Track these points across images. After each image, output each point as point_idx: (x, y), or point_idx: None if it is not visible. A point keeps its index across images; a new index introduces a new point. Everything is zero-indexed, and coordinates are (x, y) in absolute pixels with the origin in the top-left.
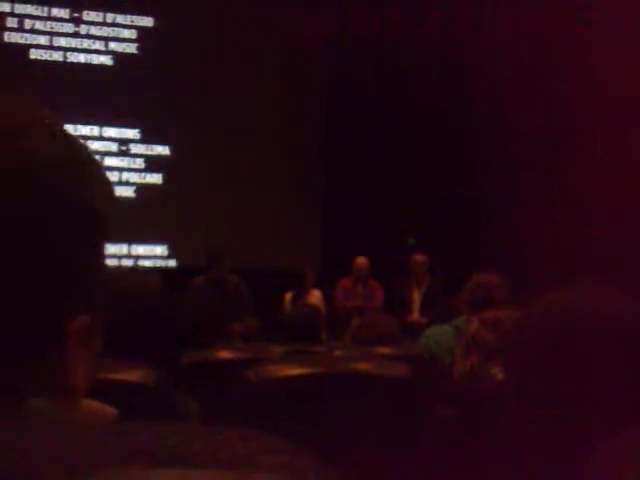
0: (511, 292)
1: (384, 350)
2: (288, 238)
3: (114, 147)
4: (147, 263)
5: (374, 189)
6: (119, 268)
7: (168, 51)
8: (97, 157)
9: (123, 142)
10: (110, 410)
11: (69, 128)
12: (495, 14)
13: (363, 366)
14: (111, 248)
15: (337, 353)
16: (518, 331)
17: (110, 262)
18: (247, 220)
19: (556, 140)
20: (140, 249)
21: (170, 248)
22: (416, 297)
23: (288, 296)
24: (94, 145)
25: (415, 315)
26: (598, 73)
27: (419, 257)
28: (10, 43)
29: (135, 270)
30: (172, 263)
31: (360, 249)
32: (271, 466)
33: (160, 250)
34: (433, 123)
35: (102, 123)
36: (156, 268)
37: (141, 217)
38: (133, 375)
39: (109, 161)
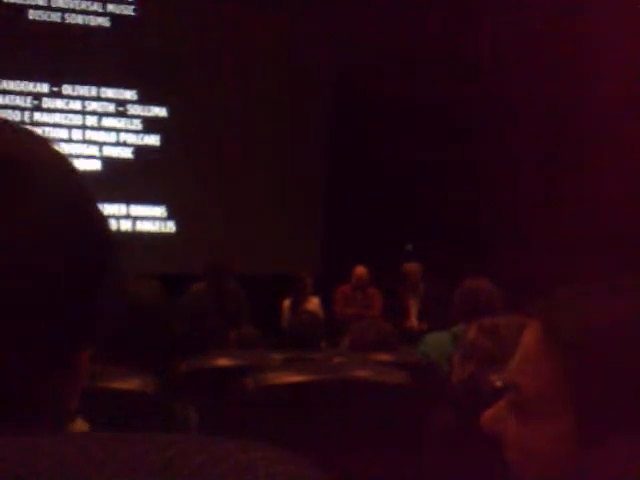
0: (510, 297)
1: (382, 357)
2: (286, 244)
3: (111, 108)
4: (146, 224)
5: (373, 196)
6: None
7: (166, 14)
8: (94, 118)
9: (120, 103)
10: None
11: (67, 89)
12: (498, 15)
13: (361, 373)
14: (110, 208)
15: (335, 360)
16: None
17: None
18: (246, 226)
19: (558, 147)
20: (139, 209)
21: (169, 209)
22: (412, 304)
23: (286, 303)
24: (92, 106)
25: (413, 321)
26: (600, 75)
27: (411, 266)
28: (8, 3)
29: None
30: (171, 225)
31: (359, 256)
32: (271, 476)
33: (159, 211)
34: (434, 128)
35: (100, 84)
36: (157, 233)
37: (139, 178)
38: (132, 383)
39: (107, 122)
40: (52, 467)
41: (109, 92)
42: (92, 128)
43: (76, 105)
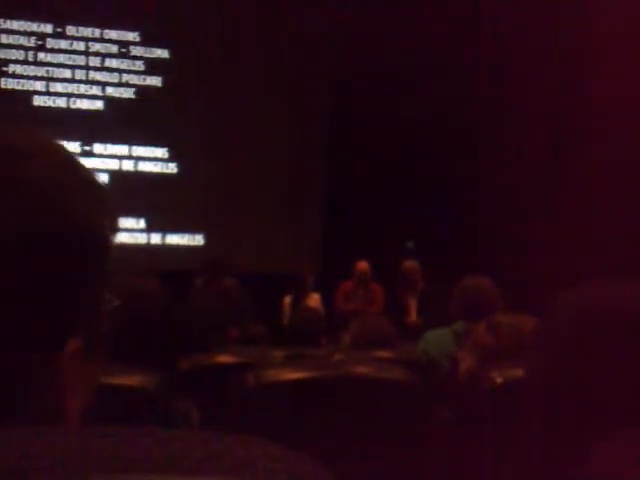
0: (509, 296)
1: (383, 354)
2: (287, 241)
3: (114, 49)
4: (148, 165)
5: (374, 192)
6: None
7: None
8: (98, 58)
9: (123, 44)
10: None
11: (71, 30)
12: (497, 16)
13: (362, 370)
14: (112, 148)
15: (336, 357)
16: (548, 325)
17: (111, 163)
18: (246, 223)
19: (558, 145)
20: (140, 150)
21: (170, 151)
22: (412, 302)
23: (287, 300)
24: (95, 47)
25: (412, 317)
26: (601, 76)
27: (409, 263)
28: None
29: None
30: (172, 166)
31: (359, 253)
32: (272, 472)
33: (160, 152)
34: (434, 126)
35: (103, 25)
36: (157, 174)
37: (141, 119)
38: (133, 380)
39: (109, 63)
40: (54, 463)
41: (112, 33)
42: (95, 69)
43: (79, 46)
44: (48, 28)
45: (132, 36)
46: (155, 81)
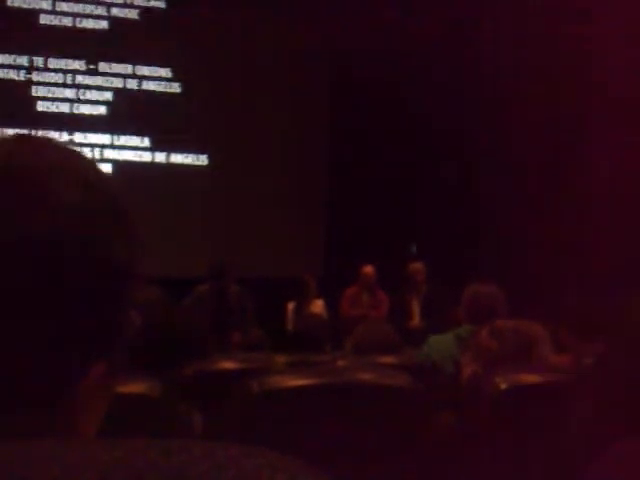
0: (509, 300)
1: (387, 359)
2: (290, 246)
3: None
4: (151, 85)
5: (376, 197)
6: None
7: None
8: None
9: None
10: None
11: None
12: (498, 18)
13: (365, 376)
14: (117, 67)
15: (340, 363)
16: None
17: (115, 82)
18: (249, 229)
19: (558, 148)
20: (144, 70)
21: (173, 71)
22: (415, 304)
23: (291, 305)
24: None
25: (416, 321)
26: (602, 75)
27: (416, 265)
28: None
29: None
30: (176, 86)
31: (363, 257)
32: None
33: (164, 72)
34: (435, 130)
35: None
36: (161, 92)
37: (145, 39)
38: (137, 387)
39: None
40: (61, 473)
41: None
42: None
43: None
44: None
45: None
46: (159, 3)
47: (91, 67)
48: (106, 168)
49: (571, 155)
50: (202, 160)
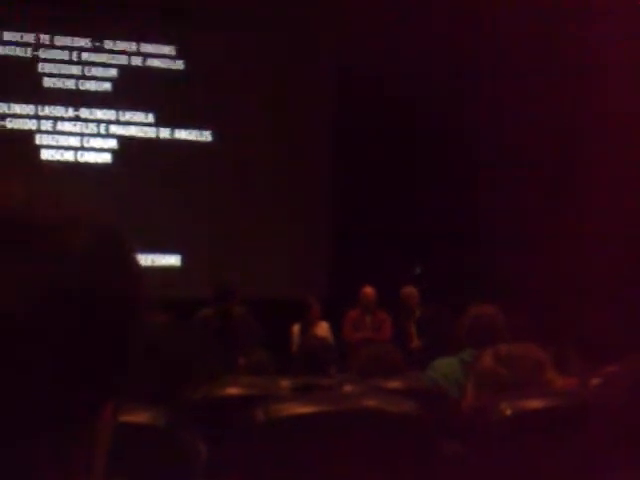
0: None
1: (392, 384)
2: (295, 268)
3: None
4: (155, 62)
5: (381, 219)
6: None
7: None
8: None
9: None
10: None
11: None
12: (498, 19)
13: (371, 403)
14: (121, 45)
15: (346, 388)
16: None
17: (121, 59)
18: (254, 250)
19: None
20: (149, 47)
21: (177, 49)
22: (412, 327)
23: (296, 328)
24: None
25: (415, 343)
26: (605, 73)
27: (407, 290)
28: None
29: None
30: (180, 63)
31: (368, 279)
32: None
33: (168, 50)
34: (436, 149)
35: None
36: (165, 69)
37: (149, 16)
38: (141, 416)
39: None
40: None
41: None
42: None
43: None
44: None
45: None
46: None
47: (96, 44)
48: (111, 143)
49: (573, 157)
50: (206, 136)
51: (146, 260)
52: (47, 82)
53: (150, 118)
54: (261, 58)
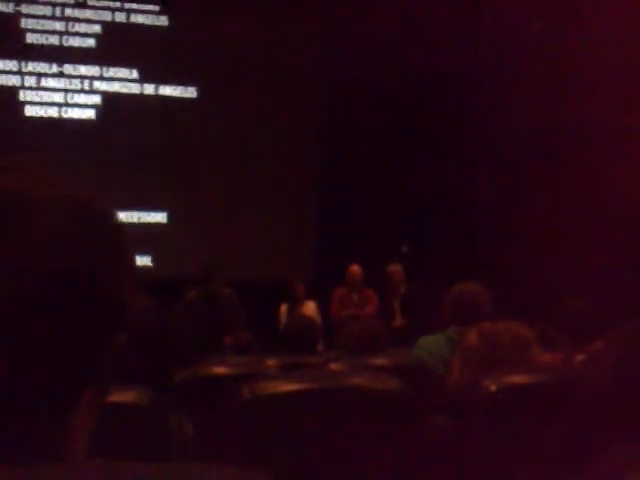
0: (495, 300)
1: (378, 361)
2: (282, 249)
3: None
4: (140, 18)
5: (368, 197)
6: None
7: None
8: None
9: None
10: None
11: None
12: (496, 20)
13: (357, 380)
14: (105, 1)
15: (332, 366)
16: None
17: (104, 14)
18: (240, 231)
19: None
20: (133, 4)
21: (162, 5)
22: (396, 304)
23: (283, 308)
24: None
25: (398, 320)
26: (598, 76)
27: (392, 267)
28: None
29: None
30: (164, 19)
31: (355, 258)
32: None
33: (152, 6)
34: (428, 129)
35: None
36: (150, 26)
37: None
38: (127, 396)
39: None
40: None
41: None
42: None
43: None
44: None
45: None
46: None
47: (80, 0)
48: (95, 99)
49: (571, 153)
50: (191, 92)
51: (132, 217)
52: (30, 38)
53: (134, 74)
54: (245, 14)
